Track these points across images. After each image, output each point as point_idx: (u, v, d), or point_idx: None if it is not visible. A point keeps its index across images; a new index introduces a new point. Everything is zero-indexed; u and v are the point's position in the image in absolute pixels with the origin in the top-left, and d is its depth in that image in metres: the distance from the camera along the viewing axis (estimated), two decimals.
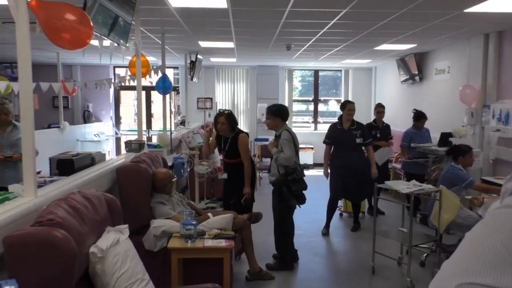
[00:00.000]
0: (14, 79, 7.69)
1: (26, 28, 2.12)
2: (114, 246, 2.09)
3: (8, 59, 9.54)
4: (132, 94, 11.41)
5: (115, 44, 3.71)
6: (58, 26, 2.38)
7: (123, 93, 11.42)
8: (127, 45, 3.90)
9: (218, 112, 4.88)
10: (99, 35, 3.22)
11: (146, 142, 4.82)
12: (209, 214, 3.73)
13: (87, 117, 10.74)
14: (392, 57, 8.71)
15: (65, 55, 8.49)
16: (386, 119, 6.53)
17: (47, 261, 1.71)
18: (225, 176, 4.76)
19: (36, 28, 2.31)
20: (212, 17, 5.02)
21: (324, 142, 5.55)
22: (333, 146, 5.48)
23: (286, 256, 4.32)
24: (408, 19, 4.94)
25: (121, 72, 10.50)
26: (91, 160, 4.10)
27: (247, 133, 4.69)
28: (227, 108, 4.94)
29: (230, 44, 7.12)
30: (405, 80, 8.74)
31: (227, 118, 4.55)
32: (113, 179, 3.39)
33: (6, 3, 2.07)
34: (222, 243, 3.13)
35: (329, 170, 5.58)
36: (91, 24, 2.58)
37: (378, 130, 6.29)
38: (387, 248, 4.46)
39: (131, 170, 3.41)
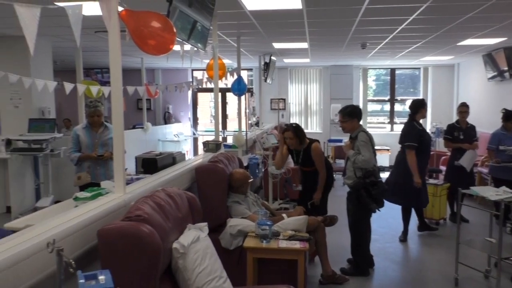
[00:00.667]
0: (104, 83, 8.34)
1: (118, 36, 2.28)
2: (195, 243, 2.18)
3: (98, 65, 10.36)
4: (209, 96, 11.83)
5: (195, 49, 3.86)
6: (145, 33, 2.53)
7: (200, 95, 11.88)
8: (206, 49, 4.03)
9: (284, 127, 4.81)
10: (180, 40, 3.38)
11: (222, 143, 4.96)
12: (283, 215, 3.75)
13: (167, 118, 11.33)
14: (477, 52, 8.10)
15: (148, 60, 9.03)
16: (470, 119, 6.09)
17: (135, 254, 1.82)
18: (299, 188, 4.79)
19: (126, 36, 2.47)
20: (286, 18, 5.05)
21: (412, 146, 4.84)
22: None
23: (362, 261, 4.20)
24: (498, 11, 4.57)
25: (198, 75, 10.97)
26: (172, 159, 4.33)
27: (318, 141, 4.62)
28: (293, 122, 4.90)
29: (304, 45, 7.10)
30: (493, 77, 8.09)
31: (294, 132, 4.48)
32: (192, 178, 3.54)
33: (100, 14, 2.24)
34: (297, 244, 3.12)
35: None
36: (174, 30, 2.71)
37: (462, 132, 5.89)
38: (472, 259, 4.17)
39: (209, 169, 3.53)
